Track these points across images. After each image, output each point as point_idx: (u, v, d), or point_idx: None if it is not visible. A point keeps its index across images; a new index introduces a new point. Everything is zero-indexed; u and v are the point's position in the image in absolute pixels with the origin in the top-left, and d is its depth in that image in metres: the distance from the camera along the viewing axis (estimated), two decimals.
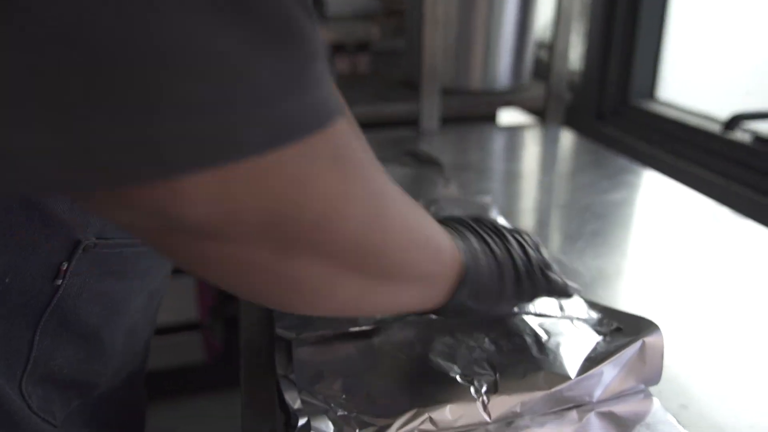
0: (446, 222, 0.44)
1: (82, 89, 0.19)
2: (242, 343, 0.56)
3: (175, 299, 1.49)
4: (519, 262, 0.44)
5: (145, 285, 0.46)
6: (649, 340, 0.47)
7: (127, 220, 0.24)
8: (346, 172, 0.27)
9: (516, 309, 0.51)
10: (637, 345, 0.46)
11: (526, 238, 0.47)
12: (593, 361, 0.46)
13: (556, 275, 0.48)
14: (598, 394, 0.46)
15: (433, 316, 0.47)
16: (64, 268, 0.38)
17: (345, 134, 0.26)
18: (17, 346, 0.38)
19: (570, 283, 0.50)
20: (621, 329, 0.49)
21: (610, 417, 0.45)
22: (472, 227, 0.44)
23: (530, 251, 0.46)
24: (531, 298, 0.47)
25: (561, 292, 0.48)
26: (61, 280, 0.38)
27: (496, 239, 0.44)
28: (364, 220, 0.29)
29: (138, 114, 0.19)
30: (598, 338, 0.49)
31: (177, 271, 0.50)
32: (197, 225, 0.23)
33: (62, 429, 0.44)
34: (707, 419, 0.46)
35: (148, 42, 0.19)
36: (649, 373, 0.47)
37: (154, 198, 0.22)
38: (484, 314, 0.45)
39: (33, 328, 0.39)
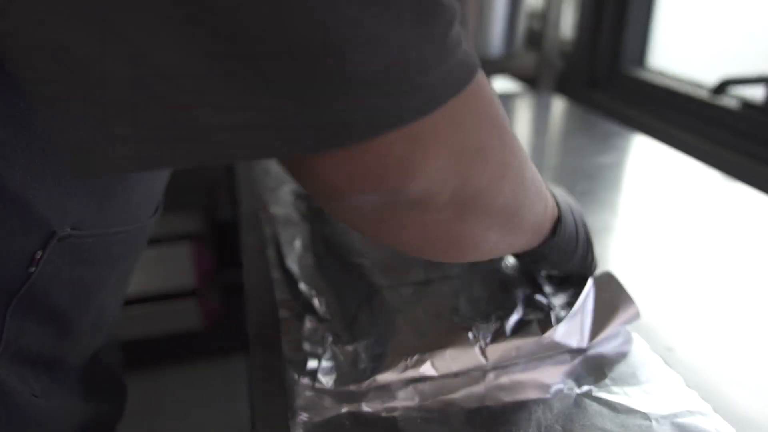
0: None
1: (279, 77, 0.23)
2: (247, 293, 0.57)
3: (171, 266, 1.50)
4: (586, 231, 0.49)
5: (114, 270, 0.47)
6: (598, 276, 0.51)
7: (342, 185, 0.27)
8: (502, 137, 0.31)
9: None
10: (589, 282, 0.50)
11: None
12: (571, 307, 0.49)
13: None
14: (586, 336, 0.48)
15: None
16: (38, 257, 0.39)
17: (486, 84, 0.30)
18: None
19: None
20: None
21: (599, 357, 0.48)
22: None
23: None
24: (585, 267, 0.51)
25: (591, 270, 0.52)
26: (34, 268, 0.39)
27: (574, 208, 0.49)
28: (514, 182, 0.34)
29: (321, 94, 0.23)
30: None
31: (170, 240, 0.51)
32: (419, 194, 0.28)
33: (42, 399, 0.45)
34: (692, 360, 0.49)
35: (327, 36, 0.23)
36: (624, 307, 0.50)
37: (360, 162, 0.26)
38: (555, 266, 0.49)
39: (3, 310, 0.40)
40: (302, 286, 0.53)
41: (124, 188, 0.42)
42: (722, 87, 0.92)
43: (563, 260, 0.48)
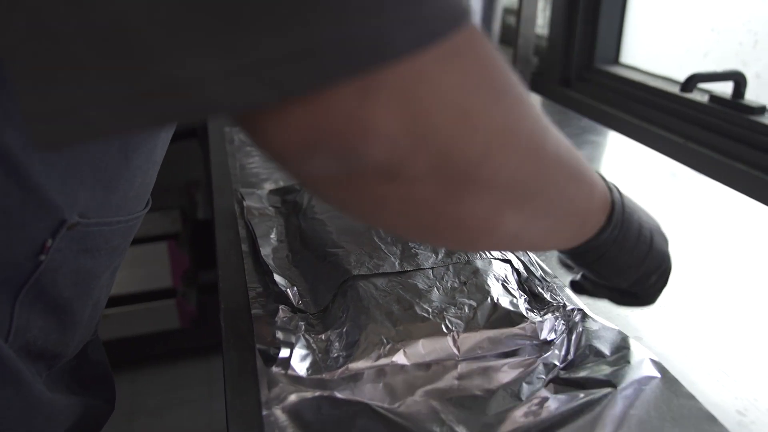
0: None
1: (243, 8, 0.20)
2: (221, 289, 0.58)
3: (149, 267, 1.49)
4: (657, 231, 0.42)
5: (111, 262, 0.48)
6: None
7: (309, 156, 0.24)
8: (500, 101, 0.27)
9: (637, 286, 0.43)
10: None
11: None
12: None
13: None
14: (557, 327, 0.49)
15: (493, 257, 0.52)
16: (48, 245, 0.40)
17: (482, 43, 0.26)
18: (1, 318, 0.40)
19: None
20: None
21: (567, 345, 0.49)
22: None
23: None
24: (650, 285, 0.43)
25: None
26: (44, 256, 0.40)
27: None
28: (525, 153, 0.28)
29: (295, 25, 0.20)
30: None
31: (147, 241, 0.52)
32: (380, 159, 0.24)
33: (47, 393, 0.46)
34: (660, 349, 0.50)
35: None
36: None
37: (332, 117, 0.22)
38: (619, 271, 0.41)
39: (13, 300, 0.40)
40: (277, 278, 0.54)
41: (126, 179, 0.43)
42: (690, 82, 0.94)
43: (626, 262, 0.40)
